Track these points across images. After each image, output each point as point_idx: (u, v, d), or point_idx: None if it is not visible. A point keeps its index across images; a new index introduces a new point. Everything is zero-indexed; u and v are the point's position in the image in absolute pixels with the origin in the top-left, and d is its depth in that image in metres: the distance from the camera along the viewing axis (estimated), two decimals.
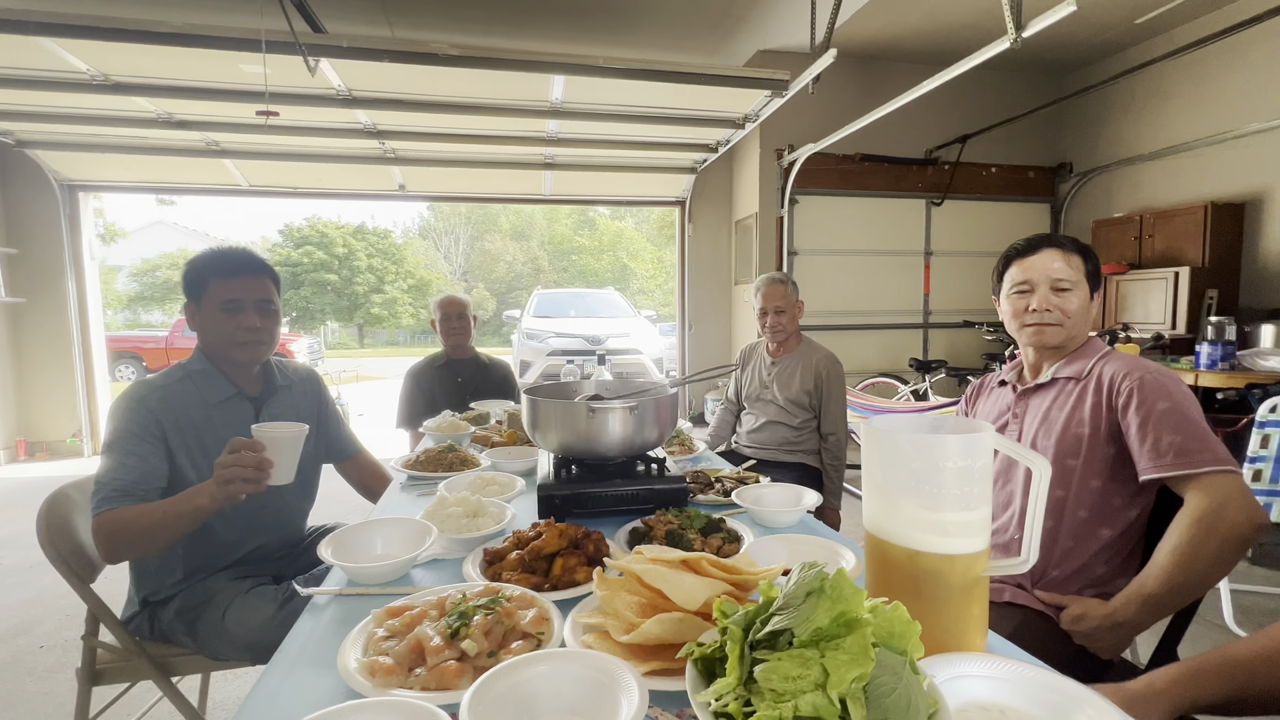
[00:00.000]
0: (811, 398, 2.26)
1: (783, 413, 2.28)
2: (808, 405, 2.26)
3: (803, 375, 2.26)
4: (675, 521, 0.99)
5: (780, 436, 2.29)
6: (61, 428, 5.22)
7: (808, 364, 2.27)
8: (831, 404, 2.24)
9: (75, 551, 1.29)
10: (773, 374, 2.33)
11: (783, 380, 2.30)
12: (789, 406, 2.27)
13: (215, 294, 1.30)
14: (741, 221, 5.42)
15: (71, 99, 3.66)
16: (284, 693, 0.63)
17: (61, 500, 1.33)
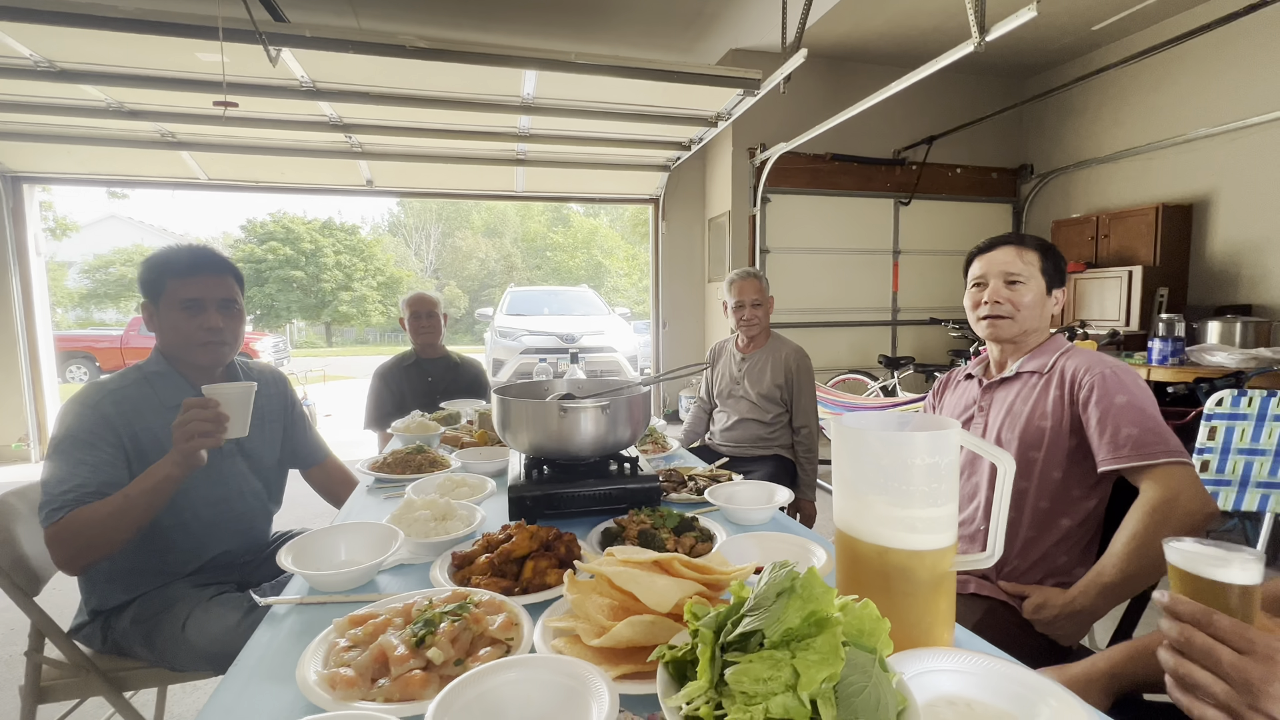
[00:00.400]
0: (782, 392, 2.27)
1: (755, 408, 2.30)
2: (779, 400, 2.28)
3: (773, 370, 2.28)
4: (648, 521, 0.98)
5: (753, 433, 2.31)
6: (6, 432, 4.96)
7: (777, 359, 2.29)
8: (802, 397, 2.27)
9: (17, 563, 1.22)
10: (743, 370, 2.34)
11: (753, 376, 2.31)
12: (760, 402, 2.28)
13: (174, 293, 1.25)
14: (714, 220, 5.45)
15: (14, 85, 3.48)
16: (239, 707, 0.60)
17: (2, 509, 1.26)
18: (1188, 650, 0.52)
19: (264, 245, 21.27)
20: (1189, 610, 0.52)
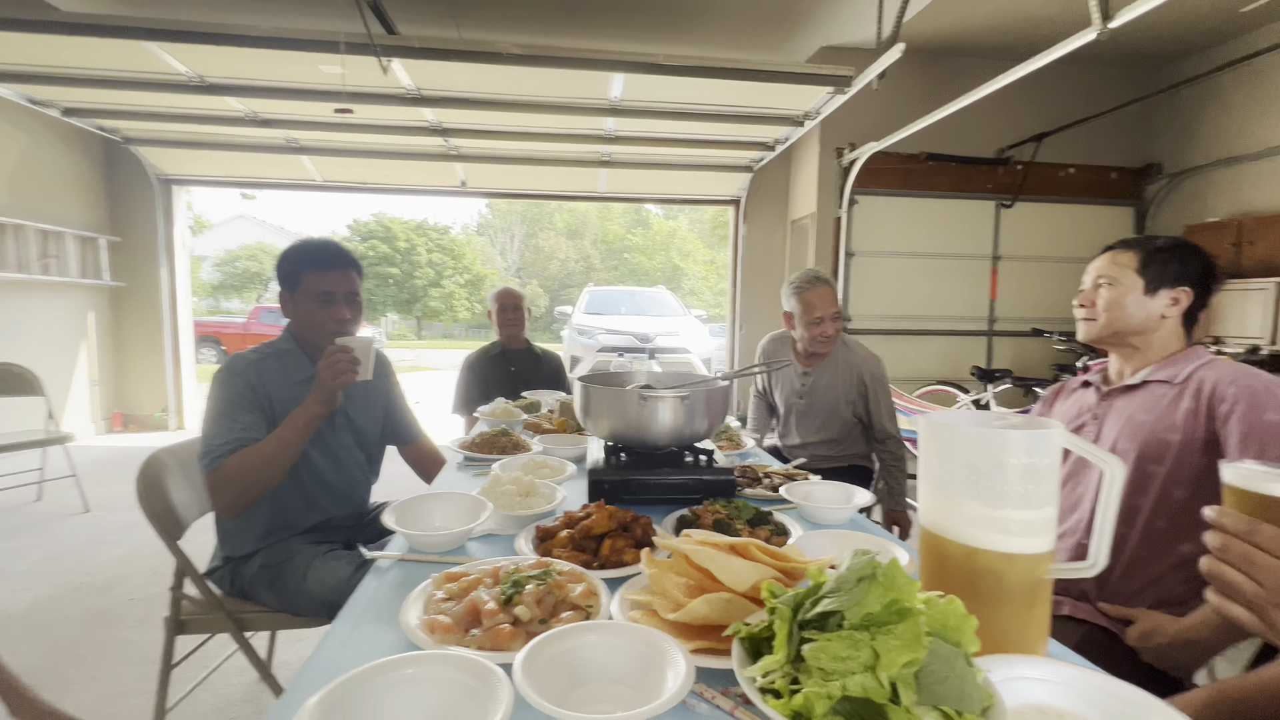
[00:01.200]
0: (855, 407, 2.07)
1: (824, 427, 2.10)
2: (851, 415, 2.08)
3: (845, 384, 2.06)
4: (723, 512, 0.99)
5: (822, 452, 2.12)
6: (152, 403, 5.66)
7: (848, 370, 2.06)
8: (880, 408, 2.05)
9: (166, 510, 1.40)
10: (807, 384, 2.11)
11: (819, 392, 2.09)
12: (830, 420, 2.08)
13: (310, 286, 1.40)
14: (798, 221, 5.33)
15: (171, 99, 3.96)
16: (351, 642, 0.67)
17: (155, 464, 1.45)
18: (1226, 556, 0.53)
19: (365, 243, 22.96)
20: (1233, 522, 0.53)
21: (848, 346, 2.11)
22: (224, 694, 1.81)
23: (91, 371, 5.28)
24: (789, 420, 2.19)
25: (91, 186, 5.24)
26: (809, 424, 2.13)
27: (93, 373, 5.30)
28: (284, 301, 1.45)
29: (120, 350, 5.57)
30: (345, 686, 0.51)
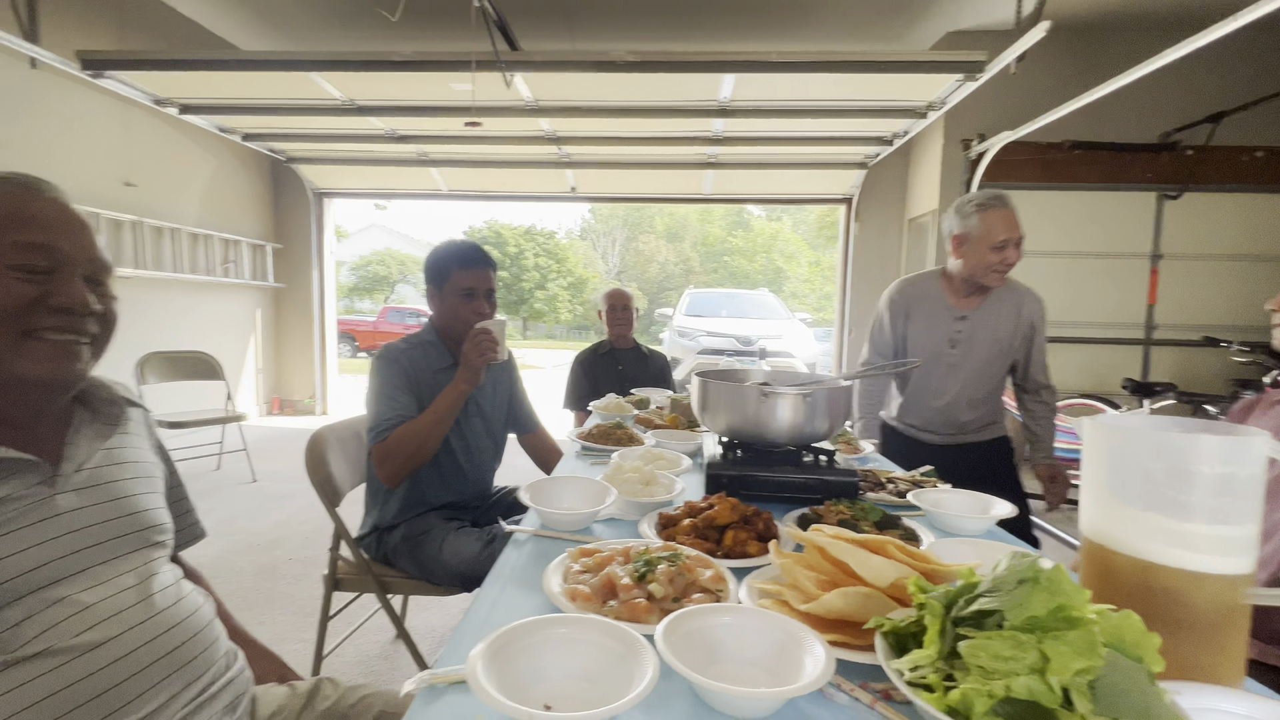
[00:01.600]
0: (1016, 354, 1.78)
1: (974, 382, 1.77)
2: (1003, 369, 1.80)
3: (1009, 328, 1.76)
4: (848, 513, 0.97)
5: (965, 417, 1.81)
6: (302, 390, 6.41)
7: (1013, 311, 1.77)
8: (1042, 355, 1.80)
9: (328, 480, 1.59)
10: (964, 332, 1.76)
11: (978, 341, 1.75)
12: (983, 375, 1.76)
13: (456, 282, 1.54)
14: (916, 220, 5.03)
15: (326, 121, 4.48)
16: (500, 603, 0.74)
17: (319, 440, 1.65)
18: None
19: None
20: None
21: (1013, 287, 1.83)
22: (364, 649, 2.02)
23: (257, 361, 6.08)
24: (926, 381, 1.83)
25: (262, 201, 6.04)
26: (954, 381, 1.79)
27: (258, 362, 6.10)
28: (430, 296, 1.60)
29: (279, 343, 6.37)
30: (507, 636, 0.56)
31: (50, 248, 0.66)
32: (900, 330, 1.88)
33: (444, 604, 2.31)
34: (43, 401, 0.71)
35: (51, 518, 0.66)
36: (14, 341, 0.64)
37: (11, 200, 0.66)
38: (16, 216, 0.66)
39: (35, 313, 0.65)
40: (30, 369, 0.66)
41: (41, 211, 0.67)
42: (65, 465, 0.69)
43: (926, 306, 1.84)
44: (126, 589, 0.70)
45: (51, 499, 0.67)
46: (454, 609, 2.28)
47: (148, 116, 4.50)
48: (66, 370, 0.68)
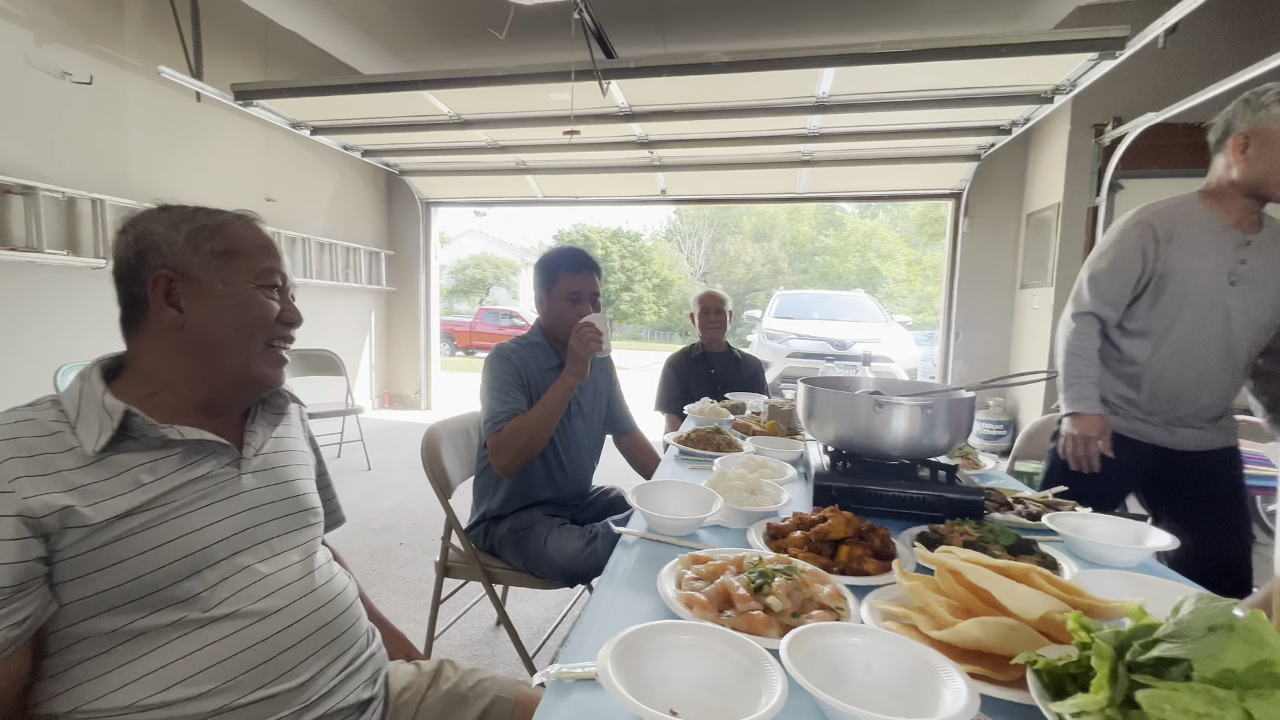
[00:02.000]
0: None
1: (1248, 340, 1.38)
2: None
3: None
4: (974, 534, 0.90)
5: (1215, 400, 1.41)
6: (408, 386, 6.89)
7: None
8: None
9: (441, 472, 1.70)
10: (1249, 264, 1.35)
11: (1265, 275, 1.35)
12: (1266, 322, 1.37)
13: (564, 286, 1.60)
14: (1036, 214, 4.61)
15: (434, 135, 4.80)
16: (616, 603, 0.75)
17: (434, 434, 1.76)
18: None
19: None
20: None
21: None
22: (469, 634, 2.14)
23: (371, 358, 6.61)
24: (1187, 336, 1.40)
25: (377, 210, 6.55)
26: (1226, 337, 1.38)
27: (372, 359, 6.63)
28: (539, 300, 1.66)
29: (389, 342, 6.88)
30: (633, 637, 0.57)
31: (280, 271, 0.80)
32: (1156, 260, 1.40)
33: (540, 596, 2.40)
34: (255, 397, 0.84)
35: (237, 495, 0.75)
36: (261, 349, 0.78)
37: (251, 231, 0.80)
38: (263, 245, 0.80)
39: (276, 325, 0.79)
40: (266, 371, 0.79)
41: (267, 240, 0.81)
42: (247, 450, 0.79)
43: (1196, 229, 1.40)
44: (293, 564, 0.78)
45: (238, 478, 0.76)
46: (549, 602, 2.36)
47: (284, 138, 5.02)
48: (282, 374, 0.82)
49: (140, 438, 0.69)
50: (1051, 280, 4.30)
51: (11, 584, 0.59)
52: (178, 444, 0.72)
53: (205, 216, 0.78)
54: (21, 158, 3.34)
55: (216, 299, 0.75)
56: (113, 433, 0.67)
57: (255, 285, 0.77)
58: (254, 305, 0.77)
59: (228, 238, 0.77)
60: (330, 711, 0.75)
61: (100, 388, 0.70)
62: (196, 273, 0.74)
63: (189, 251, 0.75)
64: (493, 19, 4.03)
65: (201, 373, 0.75)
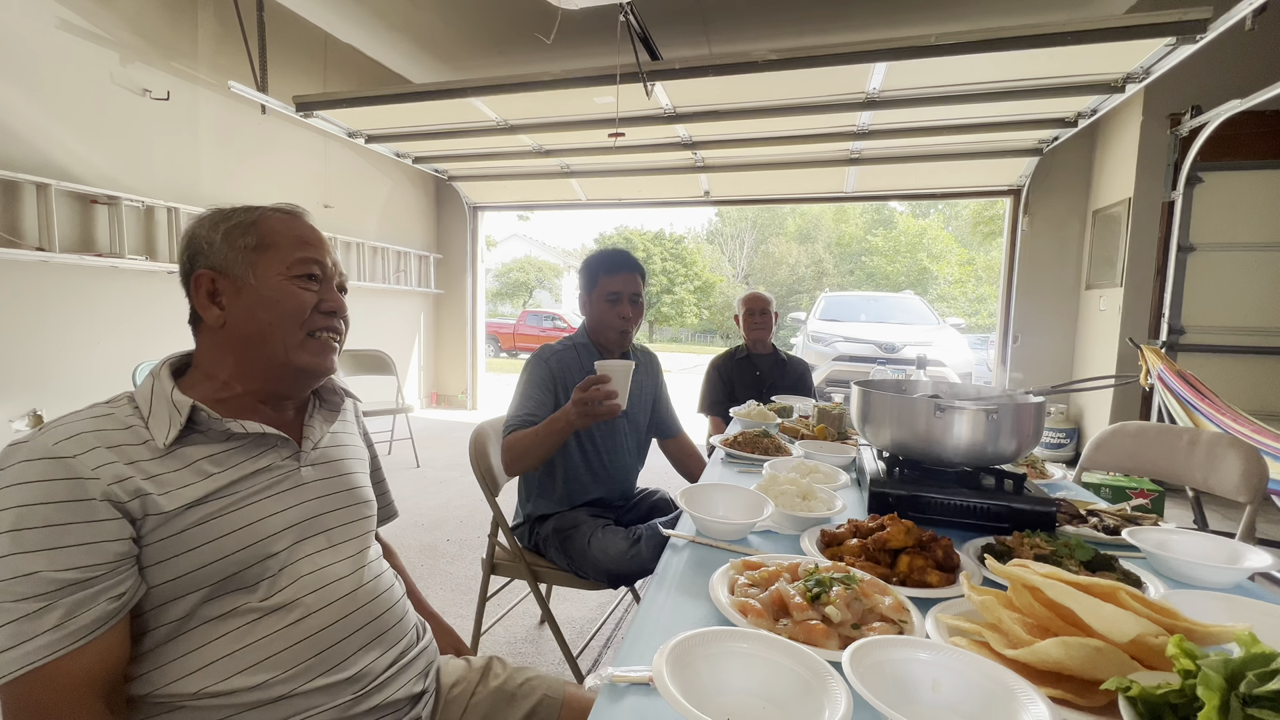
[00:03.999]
0: None
1: None
2: None
3: None
4: (1046, 547, 0.85)
5: None
6: (455, 386, 7.06)
7: None
8: None
9: (488, 471, 1.72)
10: None
11: None
12: None
13: (604, 286, 1.61)
14: (1104, 211, 4.36)
15: (482, 141, 4.90)
16: (668, 607, 0.74)
17: (481, 433, 1.79)
18: None
19: None
20: None
21: None
22: (513, 631, 2.16)
23: (420, 359, 6.80)
24: None
25: (427, 216, 6.75)
26: None
27: (420, 360, 6.82)
28: (582, 301, 1.68)
29: (437, 343, 7.07)
30: (688, 643, 0.55)
31: (319, 262, 0.81)
32: None
33: (583, 597, 2.41)
34: (306, 388, 0.85)
35: (298, 486, 0.78)
36: (301, 339, 0.78)
37: (291, 224, 0.81)
38: (298, 237, 0.80)
39: (314, 315, 0.79)
40: (309, 361, 0.79)
41: (309, 233, 0.82)
42: (306, 444, 0.81)
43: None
44: (347, 557, 0.80)
45: (298, 471, 0.79)
46: (592, 603, 2.37)
47: (341, 147, 5.23)
48: (329, 363, 0.82)
49: (206, 431, 0.73)
50: (1120, 280, 4.05)
51: (111, 559, 0.63)
52: (241, 437, 0.74)
53: (242, 214, 0.80)
54: (107, 170, 3.58)
55: (250, 294, 0.76)
56: (181, 427, 0.70)
57: (288, 277, 0.78)
58: (286, 297, 0.77)
59: (260, 232, 0.78)
60: (384, 703, 0.77)
61: (169, 385, 0.73)
62: (232, 270, 0.77)
63: (225, 250, 0.77)
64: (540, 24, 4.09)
65: (248, 367, 0.78)
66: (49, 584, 0.59)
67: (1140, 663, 0.54)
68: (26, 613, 0.59)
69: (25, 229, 3.19)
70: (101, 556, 0.62)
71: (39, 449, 0.62)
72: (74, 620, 0.60)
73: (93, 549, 0.61)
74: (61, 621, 0.59)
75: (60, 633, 0.59)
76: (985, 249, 20.89)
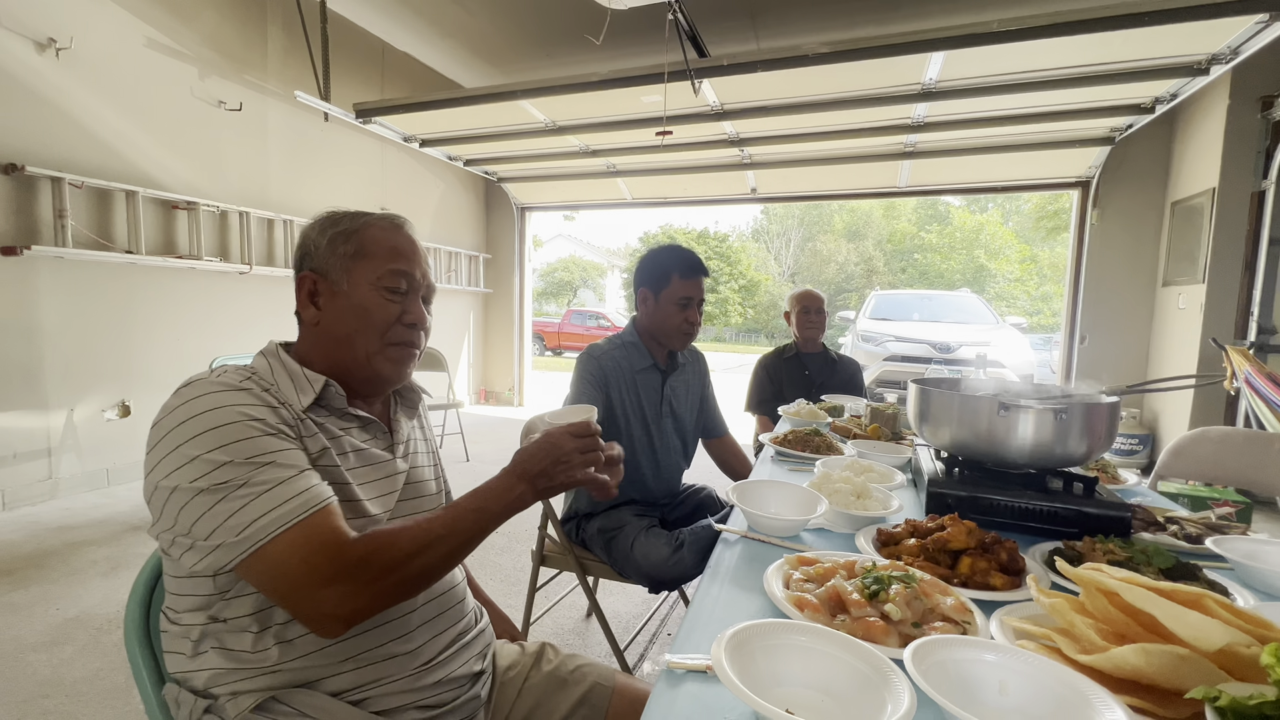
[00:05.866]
0: None
1: None
2: None
3: None
4: (1121, 553, 0.81)
5: None
6: (502, 383, 7.22)
7: None
8: None
9: None
10: None
11: None
12: None
13: (675, 289, 1.58)
14: (1184, 203, 4.09)
15: (530, 143, 5.00)
16: (722, 600, 0.74)
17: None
18: None
19: None
20: None
21: None
22: (561, 623, 2.20)
23: (469, 356, 6.99)
24: None
25: (476, 217, 6.93)
26: None
27: (470, 357, 7.01)
28: (643, 299, 1.63)
29: (486, 341, 7.25)
30: (746, 633, 0.56)
31: (408, 274, 0.84)
32: None
33: (629, 592, 2.43)
34: (384, 390, 0.90)
35: (390, 476, 0.84)
36: (380, 347, 0.82)
37: (388, 235, 0.84)
38: (393, 248, 0.83)
39: (396, 327, 0.83)
40: (387, 369, 0.83)
41: (404, 244, 0.85)
42: (397, 436, 0.86)
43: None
44: None
45: (393, 461, 0.84)
46: (637, 598, 2.38)
47: (397, 152, 5.43)
48: (404, 372, 0.86)
49: (329, 406, 0.80)
50: (1203, 276, 3.78)
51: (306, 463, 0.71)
52: (354, 418, 0.81)
53: (348, 221, 0.84)
54: (186, 177, 3.83)
55: (342, 299, 0.81)
56: (314, 396, 0.77)
57: (377, 287, 0.81)
58: (372, 307, 0.81)
59: (361, 240, 0.82)
60: (447, 678, 0.80)
61: (295, 364, 0.80)
62: (331, 274, 0.81)
63: (328, 255, 0.82)
64: (589, 26, 4.13)
65: (336, 364, 0.82)
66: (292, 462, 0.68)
67: (1228, 673, 0.51)
68: (282, 479, 0.66)
69: (115, 233, 3.46)
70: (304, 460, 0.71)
71: (225, 383, 0.71)
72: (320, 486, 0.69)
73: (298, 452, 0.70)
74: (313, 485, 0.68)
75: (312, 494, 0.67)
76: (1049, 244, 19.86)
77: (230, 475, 0.65)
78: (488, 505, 0.74)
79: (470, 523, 0.73)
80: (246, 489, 0.65)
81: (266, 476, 0.66)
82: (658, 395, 1.68)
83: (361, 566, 0.64)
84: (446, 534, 0.70)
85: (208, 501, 0.64)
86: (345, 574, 0.64)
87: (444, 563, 0.71)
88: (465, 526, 0.72)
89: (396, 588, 0.67)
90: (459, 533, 0.71)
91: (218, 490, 0.64)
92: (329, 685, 0.73)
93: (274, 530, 0.64)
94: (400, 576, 0.67)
